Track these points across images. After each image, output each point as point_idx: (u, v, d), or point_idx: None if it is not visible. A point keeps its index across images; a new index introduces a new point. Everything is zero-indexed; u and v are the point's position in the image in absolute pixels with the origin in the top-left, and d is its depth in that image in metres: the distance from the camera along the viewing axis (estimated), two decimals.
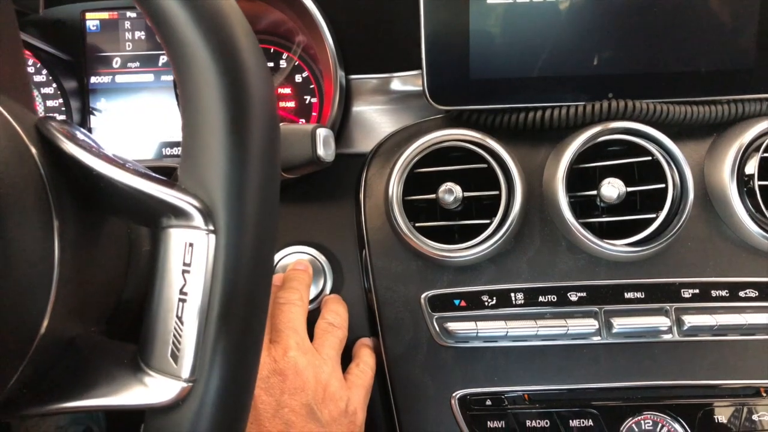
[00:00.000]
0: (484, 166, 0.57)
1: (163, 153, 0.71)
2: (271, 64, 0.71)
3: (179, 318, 0.34)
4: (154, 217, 0.36)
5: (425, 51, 0.57)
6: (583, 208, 0.58)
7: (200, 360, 0.33)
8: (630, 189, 0.54)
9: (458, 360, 0.55)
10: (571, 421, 0.53)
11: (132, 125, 0.71)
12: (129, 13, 0.70)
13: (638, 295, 0.55)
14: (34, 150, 0.36)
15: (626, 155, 0.57)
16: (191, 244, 0.34)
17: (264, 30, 0.69)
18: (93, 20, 0.70)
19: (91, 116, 0.71)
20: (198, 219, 0.33)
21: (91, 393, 0.37)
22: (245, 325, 0.35)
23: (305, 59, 0.68)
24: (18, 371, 0.36)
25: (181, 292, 0.34)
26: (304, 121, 0.68)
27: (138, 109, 0.70)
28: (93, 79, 0.70)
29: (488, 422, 0.54)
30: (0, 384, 0.36)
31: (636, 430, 0.53)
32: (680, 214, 0.54)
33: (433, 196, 0.57)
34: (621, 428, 0.53)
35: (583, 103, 0.57)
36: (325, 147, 0.49)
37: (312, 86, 0.68)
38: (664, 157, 0.55)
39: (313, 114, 0.68)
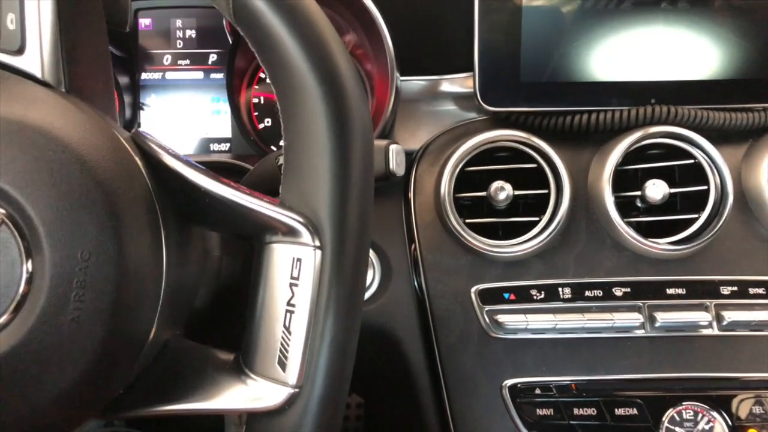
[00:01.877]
0: (533, 165, 0.59)
1: (211, 149, 0.73)
2: None
3: (287, 328, 0.37)
4: (258, 232, 0.38)
5: (478, 54, 0.60)
6: (624, 207, 0.60)
7: (307, 368, 0.36)
8: (673, 190, 0.57)
9: (508, 351, 0.58)
10: (616, 409, 0.56)
11: (180, 121, 0.73)
12: (180, 12, 0.72)
13: (680, 291, 0.58)
14: (140, 163, 0.38)
15: (665, 158, 0.60)
16: (299, 260, 0.36)
17: None
18: (145, 18, 0.72)
19: (141, 111, 0.73)
20: (306, 236, 0.36)
21: (195, 396, 0.39)
22: (347, 336, 0.37)
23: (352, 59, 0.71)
24: (129, 377, 0.38)
25: (289, 304, 0.37)
26: None
27: (187, 106, 0.72)
28: (144, 75, 0.72)
29: (537, 410, 0.56)
30: (111, 388, 0.38)
31: (677, 419, 0.56)
32: (720, 214, 0.57)
33: (483, 193, 0.59)
34: (663, 417, 0.56)
35: (627, 107, 0.60)
36: (397, 162, 0.52)
37: None
38: (705, 160, 0.58)
39: None
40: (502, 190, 0.58)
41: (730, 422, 0.56)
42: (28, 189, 0.34)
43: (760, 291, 0.57)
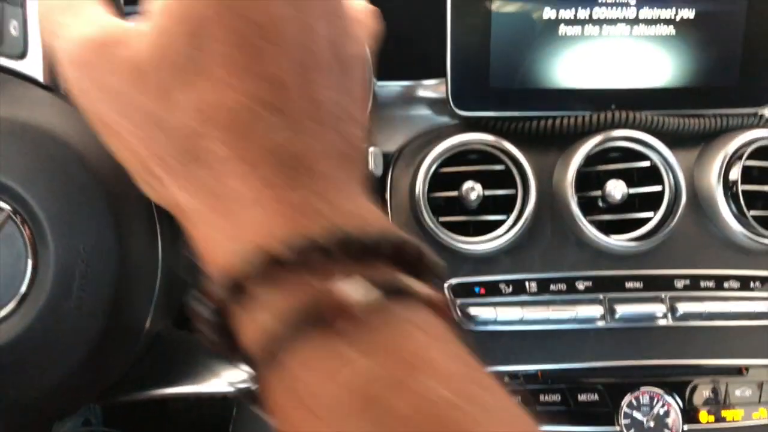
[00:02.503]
0: (502, 167, 0.63)
1: None
2: None
3: None
4: None
5: (450, 61, 0.63)
6: (586, 206, 0.64)
7: None
8: (632, 190, 0.62)
9: (478, 342, 0.60)
10: (579, 395, 0.60)
11: None
12: None
13: (637, 284, 0.62)
14: None
15: (624, 160, 0.64)
16: None
17: None
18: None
19: None
20: None
21: (188, 380, 0.42)
22: None
23: None
24: (127, 364, 0.41)
25: None
26: None
27: None
28: None
29: None
30: (110, 375, 0.40)
31: (635, 403, 0.60)
32: (674, 213, 0.61)
33: (455, 193, 0.63)
34: (622, 402, 0.60)
35: (590, 113, 0.64)
36: (376, 164, 0.55)
37: None
38: (661, 162, 0.62)
39: None
40: (473, 191, 0.62)
41: (683, 406, 0.60)
42: (32, 185, 0.36)
43: (711, 284, 0.62)
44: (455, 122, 0.69)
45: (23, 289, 0.36)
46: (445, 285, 0.62)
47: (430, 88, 0.71)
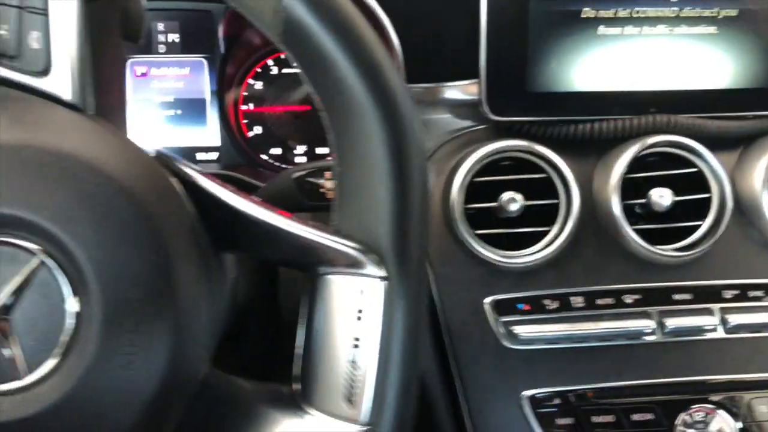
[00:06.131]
0: (542, 175, 0.60)
1: (197, 158, 0.70)
2: None
3: (353, 363, 0.34)
4: (312, 262, 0.36)
5: (485, 63, 0.59)
6: (628, 215, 0.61)
7: (379, 403, 0.34)
8: (678, 198, 0.59)
9: (524, 361, 0.58)
10: (632, 415, 0.57)
11: (164, 129, 0.69)
12: (161, 15, 0.68)
13: (686, 296, 0.59)
14: (178, 189, 0.35)
15: (665, 166, 0.61)
16: (363, 291, 0.34)
17: None
18: None
19: None
20: (371, 267, 0.34)
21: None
22: (414, 367, 0.36)
23: None
24: (179, 417, 0.35)
25: (354, 338, 0.35)
26: None
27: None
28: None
29: (556, 419, 0.57)
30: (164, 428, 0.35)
31: (689, 420, 0.58)
32: (721, 221, 0.59)
33: (494, 204, 0.59)
34: (676, 421, 0.57)
35: (629, 117, 0.61)
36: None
37: None
38: (707, 169, 0.59)
39: None
40: (514, 201, 0.58)
41: (738, 422, 0.58)
42: (71, 225, 0.31)
43: (759, 293, 0.60)
44: (482, 127, 0.65)
45: (65, 343, 0.31)
46: (486, 302, 0.59)
47: (454, 91, 0.66)
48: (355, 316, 0.35)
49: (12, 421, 0.30)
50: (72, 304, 0.31)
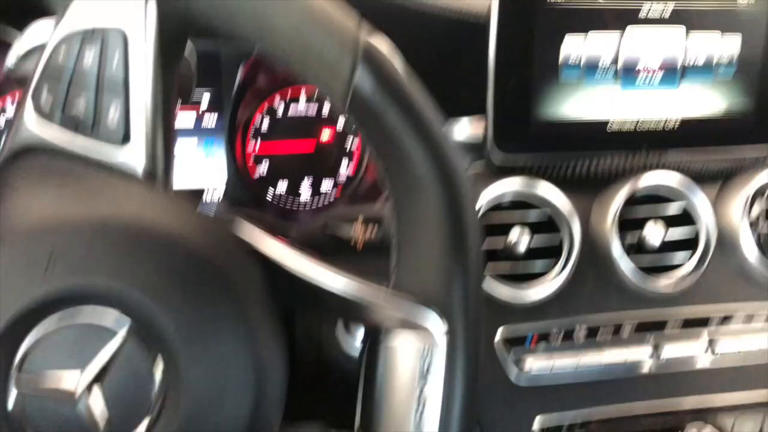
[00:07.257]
0: (546, 212, 0.62)
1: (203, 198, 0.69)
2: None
3: (420, 416, 0.36)
4: (373, 319, 0.37)
5: (493, 101, 0.61)
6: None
7: None
8: (669, 233, 0.63)
9: (534, 393, 0.60)
10: None
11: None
12: None
13: (678, 323, 0.63)
14: (254, 258, 0.36)
15: (655, 199, 0.65)
16: (429, 347, 0.36)
17: None
18: None
19: None
20: (435, 322, 0.36)
21: None
22: (473, 416, 0.37)
23: None
24: None
25: (421, 393, 0.36)
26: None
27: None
28: None
29: None
30: None
31: None
32: (707, 252, 0.63)
33: (505, 241, 0.61)
34: None
35: (624, 152, 0.64)
36: None
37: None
38: (695, 204, 0.64)
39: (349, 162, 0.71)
40: (523, 238, 0.61)
41: None
42: (159, 300, 0.31)
43: (743, 320, 0.65)
44: (480, 162, 0.67)
45: (153, 413, 0.31)
46: (496, 337, 0.61)
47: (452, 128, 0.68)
48: (419, 370, 0.36)
49: None
50: (160, 376, 0.31)
